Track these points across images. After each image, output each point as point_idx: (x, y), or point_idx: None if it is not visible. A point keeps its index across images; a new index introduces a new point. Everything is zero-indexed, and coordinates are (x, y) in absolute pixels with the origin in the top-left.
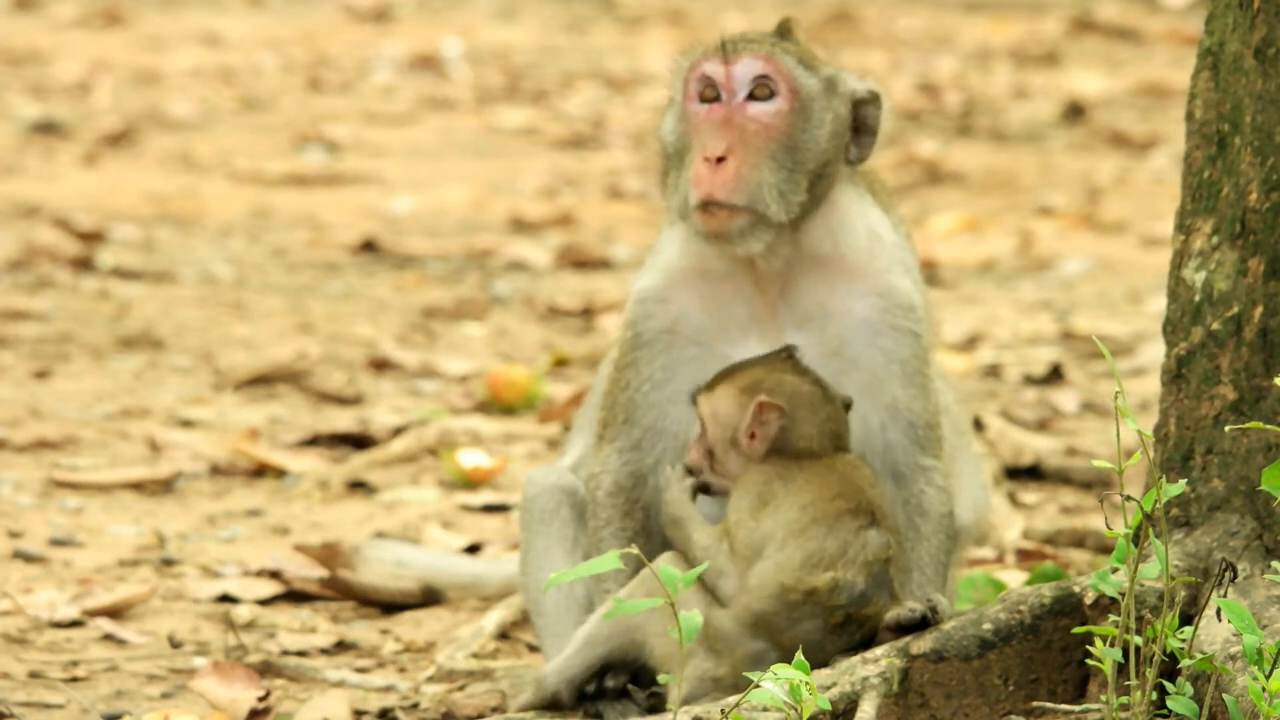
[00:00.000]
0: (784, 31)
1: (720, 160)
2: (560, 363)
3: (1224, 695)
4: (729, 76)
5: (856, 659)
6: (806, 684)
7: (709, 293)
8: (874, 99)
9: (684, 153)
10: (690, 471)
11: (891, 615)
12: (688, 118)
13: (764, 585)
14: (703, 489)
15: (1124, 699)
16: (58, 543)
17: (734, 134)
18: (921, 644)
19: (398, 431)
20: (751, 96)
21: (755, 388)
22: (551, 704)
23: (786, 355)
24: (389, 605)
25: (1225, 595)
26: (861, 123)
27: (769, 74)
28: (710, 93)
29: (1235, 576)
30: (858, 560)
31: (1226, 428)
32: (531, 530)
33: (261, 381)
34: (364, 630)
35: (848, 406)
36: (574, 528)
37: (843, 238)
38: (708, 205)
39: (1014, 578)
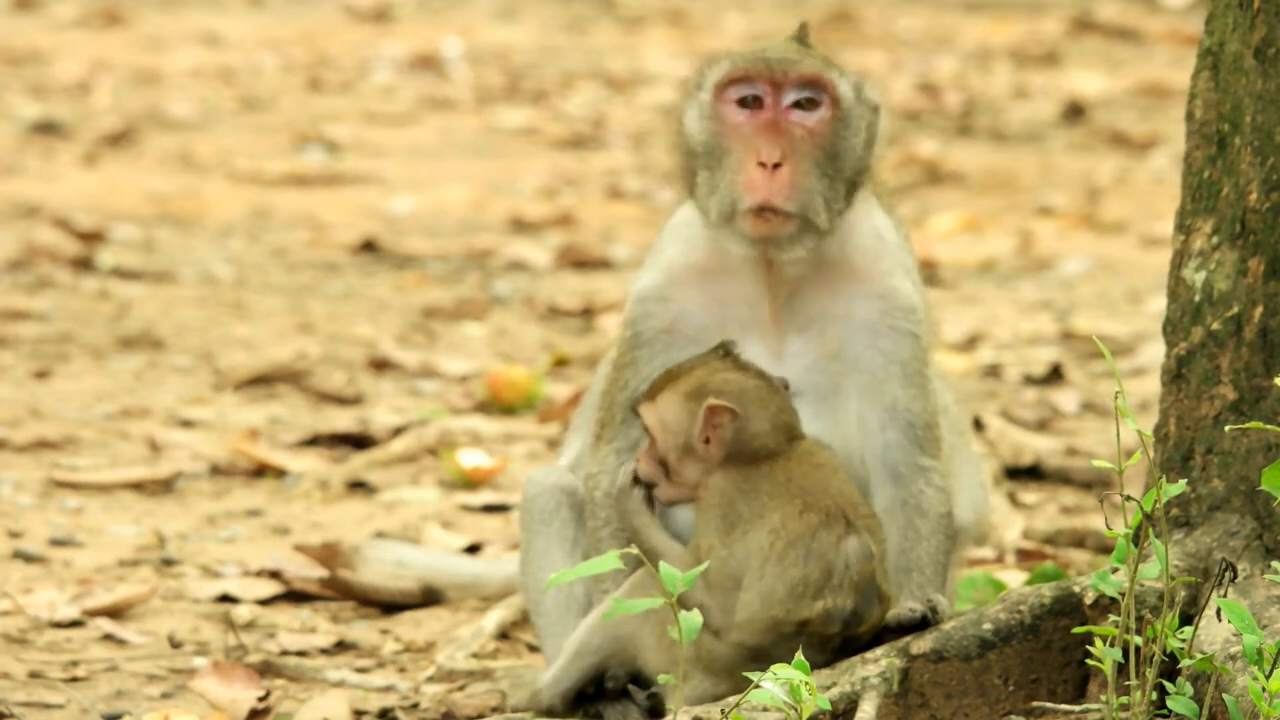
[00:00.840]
0: (802, 36)
1: (775, 166)
2: (560, 363)
3: (1224, 695)
4: (775, 87)
5: (856, 659)
6: (806, 684)
7: (711, 292)
8: (878, 107)
9: (719, 154)
10: (638, 481)
11: (892, 615)
12: (723, 119)
13: (754, 620)
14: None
15: (1124, 699)
16: (58, 543)
17: (785, 141)
18: (921, 644)
19: (398, 431)
20: (795, 104)
21: (701, 391)
22: (548, 713)
23: (724, 353)
24: (389, 605)
25: (1225, 595)
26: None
27: (814, 82)
28: (750, 98)
29: (1235, 576)
30: (845, 584)
31: (1226, 428)
32: (531, 530)
33: (261, 381)
34: (364, 630)
35: (785, 388)
36: (574, 528)
37: (850, 241)
38: (763, 210)
39: (1014, 578)
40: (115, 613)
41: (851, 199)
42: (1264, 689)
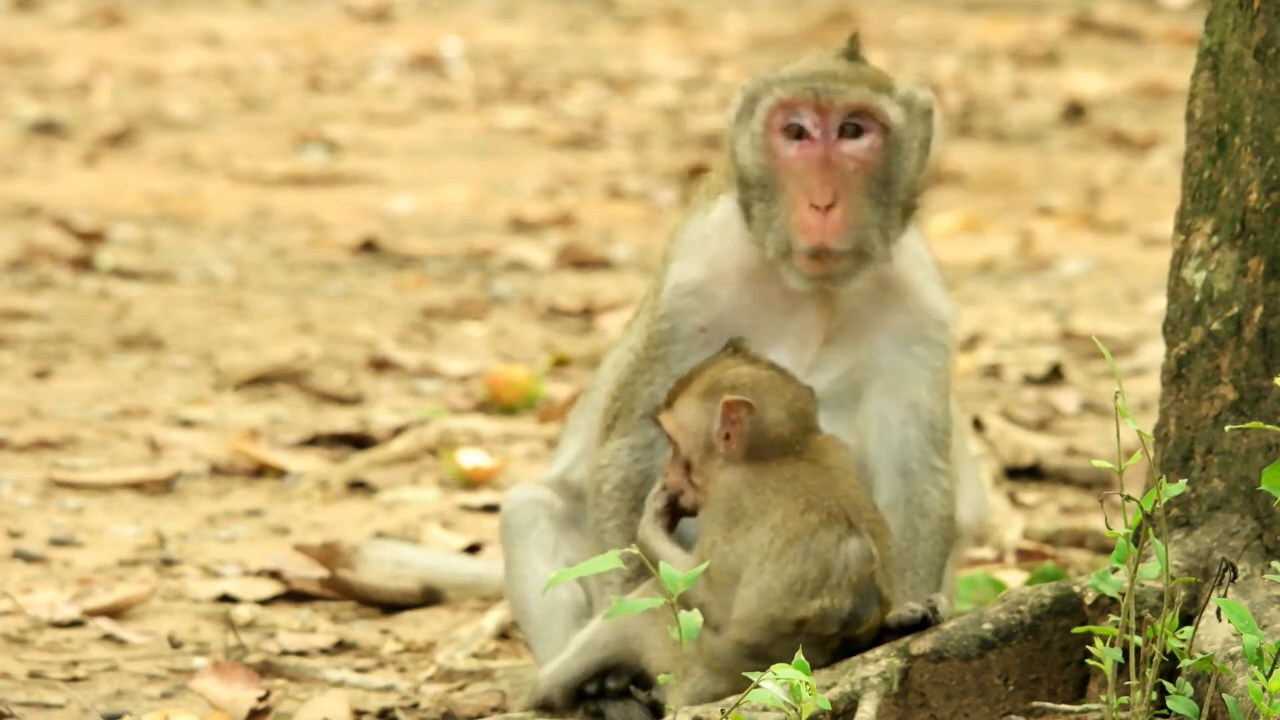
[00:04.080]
0: (854, 51)
1: (828, 208)
2: (560, 363)
3: (1224, 695)
4: (823, 115)
5: (856, 659)
6: (806, 684)
7: (755, 294)
8: (930, 111)
9: (772, 188)
10: (665, 490)
11: (892, 616)
12: (775, 153)
13: (751, 617)
14: (680, 513)
15: (1124, 699)
16: (58, 543)
17: (836, 178)
18: (921, 644)
19: (398, 431)
20: (842, 133)
21: (715, 388)
22: (545, 707)
23: (734, 350)
24: (389, 605)
25: (1225, 595)
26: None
27: (861, 110)
28: (797, 129)
29: (1235, 576)
30: (843, 584)
31: (1226, 428)
32: (510, 543)
33: (261, 381)
34: (364, 630)
35: (811, 394)
36: (552, 536)
37: (895, 257)
38: (818, 253)
39: (1014, 578)
40: (115, 613)
41: (907, 222)
42: (1264, 689)
